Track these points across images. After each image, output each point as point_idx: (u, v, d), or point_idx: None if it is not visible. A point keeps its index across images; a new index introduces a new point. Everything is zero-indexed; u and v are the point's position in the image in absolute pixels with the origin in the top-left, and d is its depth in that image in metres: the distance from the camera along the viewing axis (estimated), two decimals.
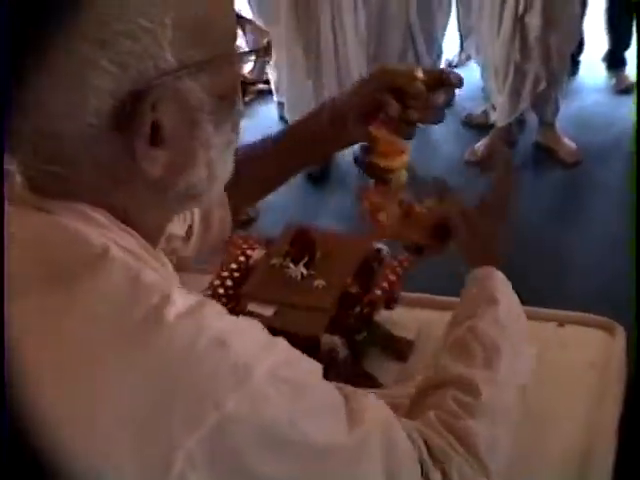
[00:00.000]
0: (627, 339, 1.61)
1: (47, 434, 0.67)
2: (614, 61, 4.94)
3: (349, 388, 0.89)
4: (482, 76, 4.26)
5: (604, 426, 1.39)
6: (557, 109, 4.07)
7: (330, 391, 0.84)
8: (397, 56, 3.92)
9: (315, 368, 0.83)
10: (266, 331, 0.79)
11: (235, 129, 0.86)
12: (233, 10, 0.82)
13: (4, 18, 0.66)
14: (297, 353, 0.81)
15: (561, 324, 1.66)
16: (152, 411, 0.70)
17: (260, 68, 0.88)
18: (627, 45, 4.82)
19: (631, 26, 4.68)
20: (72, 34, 0.69)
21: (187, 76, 0.76)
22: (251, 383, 0.72)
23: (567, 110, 4.40)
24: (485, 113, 4.39)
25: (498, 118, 4.14)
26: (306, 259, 1.59)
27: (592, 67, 5.03)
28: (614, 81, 4.87)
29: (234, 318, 0.79)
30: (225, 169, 0.88)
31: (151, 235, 0.86)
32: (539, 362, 1.48)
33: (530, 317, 1.66)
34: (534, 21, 3.74)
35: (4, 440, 0.66)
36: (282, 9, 3.70)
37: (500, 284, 1.19)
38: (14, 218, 0.74)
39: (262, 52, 0.87)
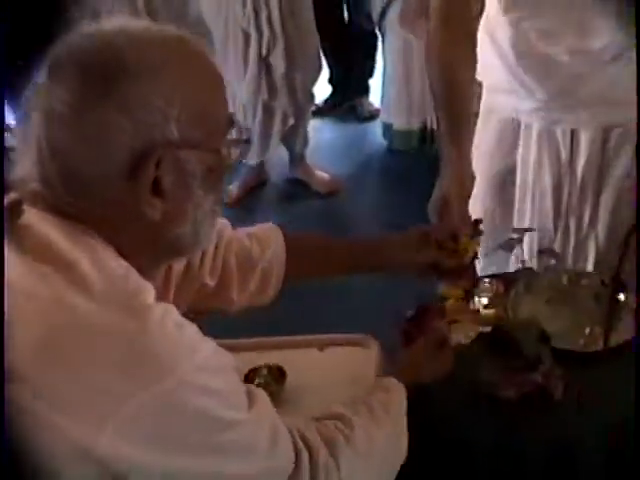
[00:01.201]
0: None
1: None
2: (358, 89, 5.17)
3: None
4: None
5: None
6: (306, 142, 4.20)
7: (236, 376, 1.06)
8: None
9: (230, 359, 1.03)
10: None
11: (218, 203, 1.09)
12: (227, 108, 1.07)
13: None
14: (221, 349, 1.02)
15: (321, 348, 1.74)
16: (120, 363, 0.90)
17: (243, 152, 1.08)
18: (370, 73, 5.09)
19: (373, 55, 4.97)
20: (105, 100, 0.94)
21: (186, 148, 0.99)
22: (198, 359, 0.95)
23: (321, 141, 4.59)
24: None
25: (250, 157, 4.15)
26: None
27: None
28: (359, 109, 5.10)
29: None
30: (208, 234, 1.11)
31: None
32: (303, 388, 1.57)
33: (291, 346, 1.75)
34: (278, 60, 3.84)
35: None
36: None
37: (402, 396, 1.36)
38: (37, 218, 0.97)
39: (243, 141, 1.14)
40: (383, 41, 4.52)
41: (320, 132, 4.79)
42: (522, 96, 1.98)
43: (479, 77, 2.19)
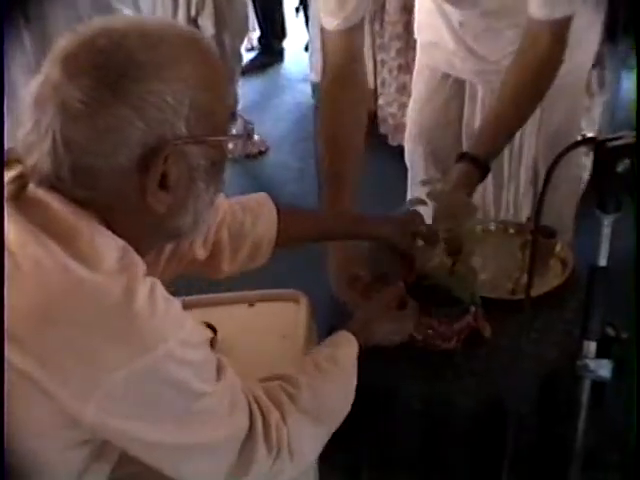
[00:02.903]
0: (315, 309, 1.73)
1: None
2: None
3: None
4: None
5: None
6: (236, 103, 4.15)
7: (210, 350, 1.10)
8: None
9: (206, 334, 1.08)
10: None
11: (217, 193, 1.14)
12: (230, 104, 1.09)
13: None
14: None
15: (251, 304, 1.74)
16: (112, 334, 0.95)
17: (243, 145, 1.15)
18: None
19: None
20: (119, 98, 0.96)
21: (192, 144, 1.03)
22: (183, 333, 1.00)
23: (250, 101, 4.56)
24: None
25: None
26: None
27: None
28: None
29: None
30: (206, 221, 1.15)
31: None
32: (234, 345, 1.56)
33: (220, 302, 1.74)
34: (207, 22, 3.81)
35: None
36: None
37: (352, 348, 1.38)
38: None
39: (246, 136, 1.16)
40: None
41: (249, 92, 4.75)
42: (466, 58, 2.01)
43: (416, 34, 2.22)
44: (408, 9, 2.68)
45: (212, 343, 1.56)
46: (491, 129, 1.74)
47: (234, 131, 1.15)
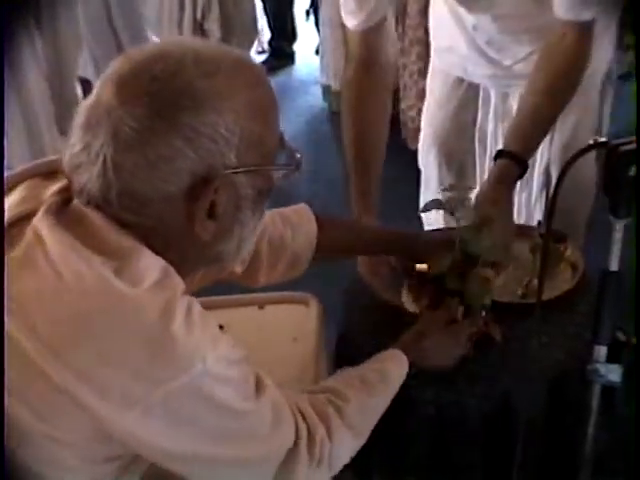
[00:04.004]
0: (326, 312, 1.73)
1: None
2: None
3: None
4: None
5: None
6: None
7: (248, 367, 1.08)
8: None
9: (243, 351, 1.07)
10: None
11: (261, 218, 1.13)
12: (279, 133, 1.10)
13: None
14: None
15: (261, 306, 1.74)
16: (152, 351, 0.94)
17: (289, 175, 1.13)
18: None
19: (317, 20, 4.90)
20: (173, 128, 0.96)
21: (242, 174, 1.03)
22: (220, 350, 0.99)
23: None
24: None
25: None
26: None
27: None
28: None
29: None
30: (249, 247, 1.15)
31: None
32: (247, 346, 1.56)
33: (230, 304, 1.75)
34: (213, 26, 3.81)
35: None
36: None
37: (402, 368, 1.38)
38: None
39: (295, 166, 1.13)
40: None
41: None
42: (480, 63, 2.01)
43: (431, 39, 2.23)
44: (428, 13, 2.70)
45: None
46: (527, 123, 1.73)
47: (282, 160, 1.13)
